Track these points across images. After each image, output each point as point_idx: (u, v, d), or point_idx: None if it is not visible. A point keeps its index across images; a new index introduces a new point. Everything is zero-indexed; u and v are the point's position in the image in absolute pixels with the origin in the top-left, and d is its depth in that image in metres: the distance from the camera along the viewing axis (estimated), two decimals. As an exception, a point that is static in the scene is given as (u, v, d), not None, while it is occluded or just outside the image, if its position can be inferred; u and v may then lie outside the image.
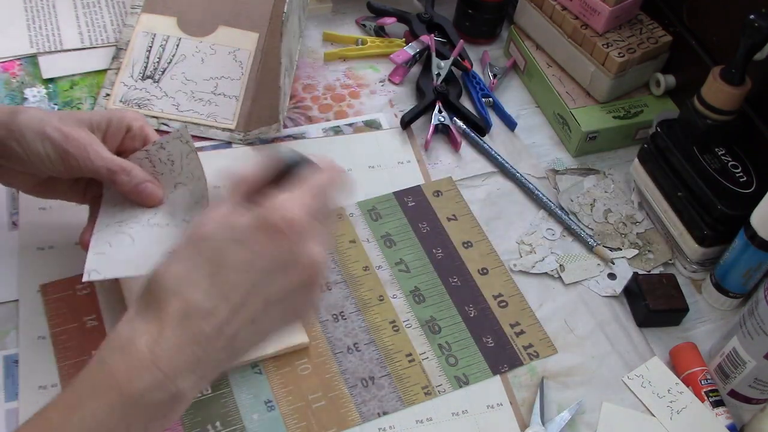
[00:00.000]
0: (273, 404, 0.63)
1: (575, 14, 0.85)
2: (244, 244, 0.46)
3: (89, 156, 0.59)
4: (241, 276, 0.46)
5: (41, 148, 0.58)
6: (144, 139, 0.64)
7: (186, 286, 0.46)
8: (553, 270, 0.75)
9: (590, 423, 0.65)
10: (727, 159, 0.74)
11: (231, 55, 0.86)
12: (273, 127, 0.79)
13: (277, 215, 0.47)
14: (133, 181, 0.61)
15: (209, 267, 0.46)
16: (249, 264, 0.46)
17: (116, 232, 0.62)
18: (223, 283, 0.46)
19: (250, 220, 0.47)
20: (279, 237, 0.46)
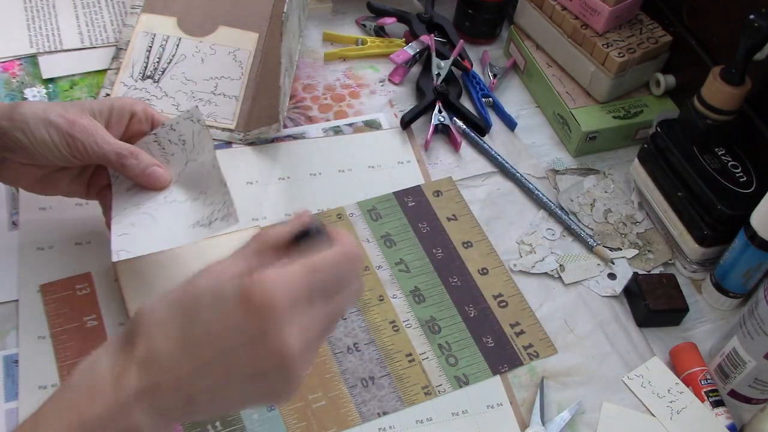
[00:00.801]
0: (273, 404, 0.63)
1: (575, 14, 0.85)
2: (221, 312, 0.44)
3: (96, 141, 0.59)
4: (209, 342, 0.44)
5: (47, 135, 0.58)
6: (151, 120, 0.64)
7: (157, 334, 0.45)
8: (553, 270, 0.75)
9: (590, 423, 0.65)
10: (727, 159, 0.74)
11: (231, 55, 0.86)
12: (273, 127, 0.79)
13: (258, 291, 0.44)
14: (141, 165, 0.61)
15: (185, 323, 0.45)
16: (219, 333, 0.44)
17: (136, 214, 0.62)
18: (192, 344, 0.44)
19: (234, 287, 0.44)
20: (252, 314, 0.44)
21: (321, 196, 0.77)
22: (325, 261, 0.47)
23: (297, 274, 0.45)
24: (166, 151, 0.64)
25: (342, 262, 0.48)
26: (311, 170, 0.79)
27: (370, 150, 0.82)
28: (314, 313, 0.46)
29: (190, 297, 0.45)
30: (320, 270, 0.46)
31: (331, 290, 0.47)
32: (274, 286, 0.44)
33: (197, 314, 0.45)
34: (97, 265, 0.68)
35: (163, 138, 0.64)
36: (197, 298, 0.45)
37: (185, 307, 0.45)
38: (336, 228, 0.50)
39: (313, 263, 0.46)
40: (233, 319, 0.44)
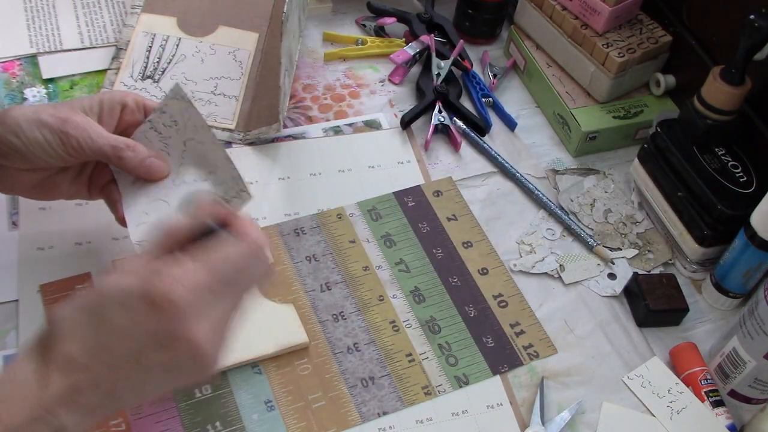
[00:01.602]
0: (273, 404, 0.63)
1: (575, 14, 0.85)
2: (126, 309, 0.46)
3: (90, 136, 0.59)
4: (118, 340, 0.46)
5: (40, 135, 0.58)
6: (143, 109, 0.64)
7: (71, 337, 0.46)
8: (553, 270, 0.75)
9: (590, 423, 0.65)
10: (727, 159, 0.74)
11: (231, 55, 0.86)
12: (273, 127, 0.79)
13: (159, 290, 0.45)
14: (138, 156, 0.61)
15: (93, 321, 0.46)
16: (127, 331, 0.46)
17: (148, 203, 0.62)
18: (104, 344, 0.46)
19: (138, 288, 0.46)
20: (157, 313, 0.45)
21: (321, 196, 0.77)
22: (226, 257, 0.49)
23: (198, 272, 0.47)
24: (164, 135, 0.63)
25: (243, 256, 0.50)
26: (311, 170, 0.79)
27: (370, 150, 0.82)
28: (219, 303, 0.48)
29: (96, 299, 0.47)
30: (221, 266, 0.48)
31: (233, 281, 0.49)
32: (176, 286, 0.46)
33: (105, 315, 0.46)
34: (97, 265, 0.68)
35: (157, 122, 0.63)
36: (104, 300, 0.47)
37: (93, 309, 0.47)
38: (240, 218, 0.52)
39: (214, 258, 0.48)
40: (139, 319, 0.46)
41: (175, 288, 0.46)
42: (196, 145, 0.63)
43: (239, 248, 0.50)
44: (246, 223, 0.51)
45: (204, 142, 0.63)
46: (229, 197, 0.61)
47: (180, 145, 0.64)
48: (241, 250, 0.50)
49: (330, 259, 0.72)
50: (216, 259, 0.48)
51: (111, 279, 0.47)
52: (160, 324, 0.46)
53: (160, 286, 0.46)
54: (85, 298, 0.47)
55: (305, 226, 0.74)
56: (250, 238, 0.50)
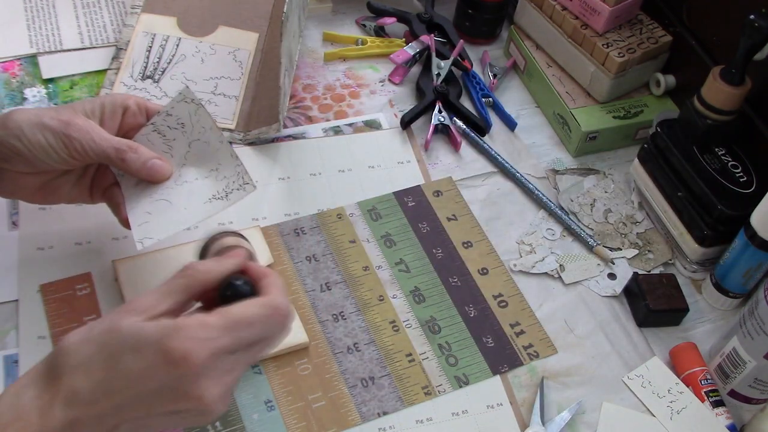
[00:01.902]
0: (273, 404, 0.63)
1: (575, 14, 0.85)
2: (141, 357, 0.46)
3: (93, 138, 0.59)
4: (128, 384, 0.46)
5: (42, 138, 0.58)
6: (145, 111, 0.64)
7: (80, 370, 0.47)
8: (553, 270, 0.75)
9: (590, 423, 0.65)
10: (727, 159, 0.74)
11: (231, 55, 0.86)
12: (273, 127, 0.79)
13: (177, 344, 0.46)
14: (141, 158, 0.61)
15: (106, 361, 0.47)
16: (139, 377, 0.46)
17: (150, 202, 0.62)
18: (113, 385, 0.46)
19: (156, 337, 0.46)
20: (171, 368, 0.46)
21: (321, 196, 0.77)
22: (249, 319, 0.49)
23: (218, 330, 0.47)
24: (167, 138, 0.63)
25: (268, 325, 0.50)
26: (311, 170, 0.79)
27: (370, 150, 0.82)
28: (233, 362, 0.49)
29: (113, 338, 0.47)
30: (242, 328, 0.49)
31: (252, 344, 0.50)
32: (194, 342, 0.46)
33: (119, 357, 0.46)
34: (97, 265, 0.68)
35: (161, 125, 0.63)
36: (120, 341, 0.47)
37: (108, 348, 0.47)
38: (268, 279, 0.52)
39: (236, 321, 0.48)
40: (153, 367, 0.46)
41: (195, 350, 0.46)
42: (200, 145, 0.64)
43: (265, 314, 0.50)
44: (275, 287, 0.52)
45: (209, 141, 0.63)
46: (229, 190, 0.62)
47: (185, 146, 0.64)
48: (267, 316, 0.50)
49: (330, 259, 0.72)
50: (241, 324, 0.48)
51: (131, 322, 0.47)
52: (174, 379, 0.46)
53: (180, 345, 0.46)
54: (100, 333, 0.47)
55: (305, 226, 0.74)
56: (277, 305, 0.50)
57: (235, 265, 0.53)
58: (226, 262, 0.53)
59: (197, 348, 0.46)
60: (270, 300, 0.50)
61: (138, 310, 0.48)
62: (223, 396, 0.48)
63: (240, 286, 0.52)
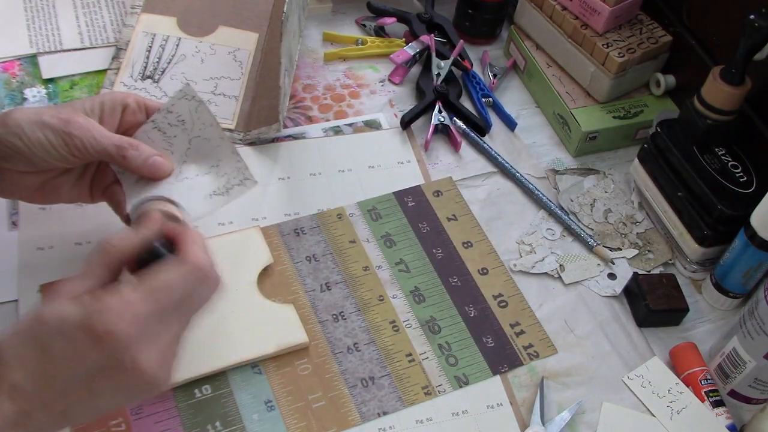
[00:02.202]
0: (273, 404, 0.63)
1: (575, 14, 0.85)
2: (68, 340, 0.46)
3: (94, 136, 0.59)
4: (63, 369, 0.46)
5: (42, 137, 0.58)
6: (144, 109, 0.64)
7: (16, 366, 0.46)
8: (553, 270, 0.75)
9: (590, 423, 0.65)
10: (727, 159, 0.74)
11: (231, 55, 0.86)
12: (273, 127, 0.79)
13: (101, 322, 0.46)
14: (142, 155, 0.61)
15: (37, 350, 0.47)
16: (72, 361, 0.46)
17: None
18: (47, 370, 0.46)
19: (78, 318, 0.46)
20: (100, 345, 0.46)
21: (321, 196, 0.77)
22: (168, 284, 0.49)
23: (139, 300, 0.47)
24: (168, 135, 0.63)
25: (187, 281, 0.50)
26: (311, 170, 0.79)
27: (370, 150, 0.82)
28: (164, 328, 0.49)
29: (40, 328, 0.47)
30: (163, 290, 0.48)
31: (178, 306, 0.49)
32: (117, 315, 0.46)
33: (48, 346, 0.46)
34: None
35: (162, 122, 0.63)
36: (46, 329, 0.47)
37: (36, 337, 0.47)
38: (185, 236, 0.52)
39: (156, 286, 0.48)
40: (83, 349, 0.46)
41: (117, 321, 0.46)
42: (201, 142, 0.64)
43: (182, 273, 0.50)
44: (192, 244, 0.51)
45: (210, 138, 0.64)
46: (230, 186, 0.62)
47: (185, 143, 0.64)
48: (185, 274, 0.50)
49: (330, 259, 0.72)
50: (158, 287, 0.48)
51: (52, 307, 0.47)
52: (105, 356, 0.46)
53: (101, 319, 0.46)
54: (26, 324, 0.47)
55: (305, 226, 0.74)
56: (194, 261, 0.50)
57: (151, 231, 0.52)
58: (141, 230, 0.52)
59: (120, 322, 0.46)
60: (186, 258, 0.50)
61: (61, 294, 0.48)
62: (161, 362, 0.48)
63: (155, 249, 0.51)
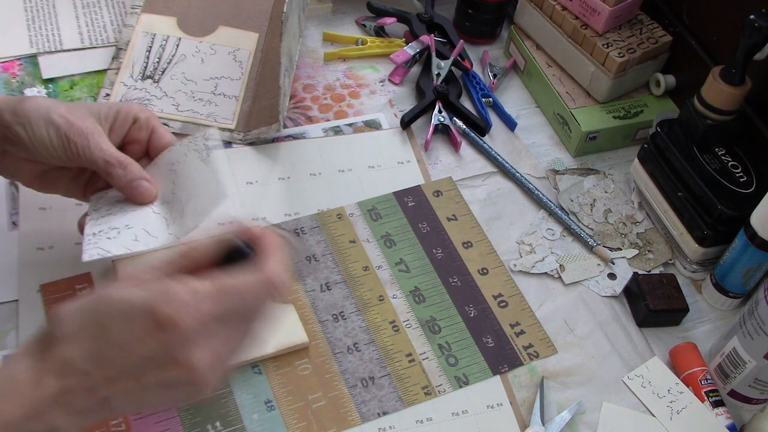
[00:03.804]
0: (273, 404, 0.63)
1: (575, 14, 0.85)
2: (130, 323, 0.46)
3: (89, 145, 0.59)
4: (118, 352, 0.46)
5: (45, 134, 0.58)
6: (150, 130, 0.64)
7: (72, 342, 0.46)
8: (553, 270, 0.75)
9: (590, 423, 0.65)
10: (727, 159, 0.74)
11: (231, 55, 0.86)
12: (273, 127, 0.79)
13: (166, 311, 0.45)
14: (128, 176, 0.61)
15: (97, 330, 0.46)
16: (128, 346, 0.46)
17: (118, 218, 0.62)
18: (103, 354, 0.46)
19: (144, 302, 0.46)
20: (160, 333, 0.46)
21: (321, 196, 0.77)
22: (240, 286, 0.48)
23: (207, 296, 0.47)
24: (175, 172, 0.63)
25: (258, 291, 0.49)
26: (311, 170, 0.79)
27: (370, 150, 0.82)
28: (223, 332, 0.48)
29: (103, 307, 0.47)
30: (233, 294, 0.48)
31: (242, 313, 0.49)
32: (183, 311, 0.46)
33: (109, 327, 0.46)
34: (97, 265, 0.67)
35: (176, 158, 0.63)
36: (109, 309, 0.47)
37: (98, 317, 0.47)
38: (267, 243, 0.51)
39: (226, 288, 0.48)
40: (142, 335, 0.46)
41: (182, 313, 0.46)
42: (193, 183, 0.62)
43: (255, 283, 0.49)
44: (272, 253, 0.50)
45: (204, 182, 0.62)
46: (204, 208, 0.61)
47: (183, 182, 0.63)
48: (258, 285, 0.49)
49: (330, 259, 0.72)
50: (228, 290, 0.48)
51: (119, 288, 0.47)
52: (162, 345, 0.46)
53: (167, 308, 0.46)
54: (90, 302, 0.47)
55: (305, 226, 0.74)
56: (269, 274, 0.49)
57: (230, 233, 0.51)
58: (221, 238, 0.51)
59: (184, 312, 0.46)
60: (263, 267, 0.49)
61: (129, 279, 0.48)
62: (213, 365, 0.48)
63: (238, 247, 0.50)
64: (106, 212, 0.62)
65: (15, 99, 0.60)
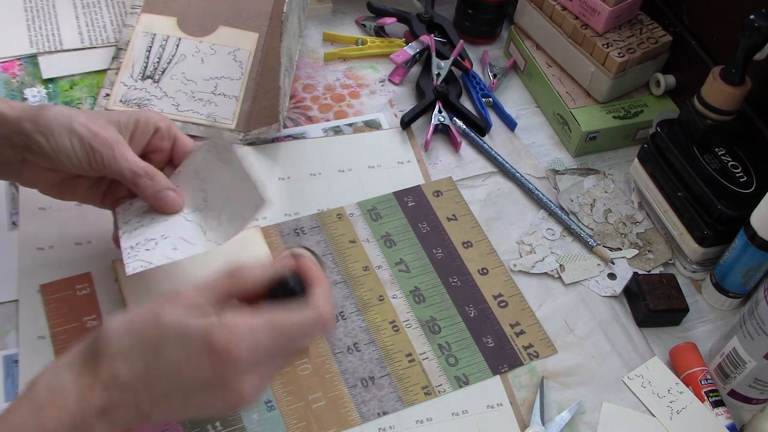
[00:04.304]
0: (273, 404, 0.63)
1: (575, 14, 0.85)
2: (184, 348, 0.47)
3: (114, 156, 0.59)
4: (169, 374, 0.47)
5: (68, 143, 0.58)
6: (173, 139, 0.64)
7: (121, 358, 0.47)
8: (553, 270, 0.75)
9: (590, 423, 0.65)
10: (727, 159, 0.74)
11: (231, 55, 0.86)
12: (273, 127, 0.79)
13: (221, 340, 0.47)
14: (155, 187, 0.61)
15: (148, 350, 0.47)
16: (180, 368, 0.47)
17: (150, 229, 0.62)
18: (152, 372, 0.47)
19: (200, 328, 0.47)
20: (213, 360, 0.47)
21: (321, 196, 0.77)
22: (294, 325, 0.50)
23: (263, 331, 0.48)
24: (201, 177, 0.63)
25: (309, 327, 0.51)
26: (311, 170, 0.79)
27: (370, 150, 0.82)
28: (272, 363, 0.50)
29: (156, 330, 0.48)
30: (287, 332, 0.49)
31: (293, 344, 0.51)
32: (239, 338, 0.47)
33: (161, 349, 0.47)
34: (97, 265, 0.68)
35: (198, 164, 0.63)
36: (162, 333, 0.48)
37: (150, 339, 0.48)
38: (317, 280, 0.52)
39: (281, 324, 0.49)
40: (195, 360, 0.47)
41: (238, 343, 0.47)
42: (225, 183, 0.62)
43: (308, 319, 0.50)
44: (322, 290, 0.52)
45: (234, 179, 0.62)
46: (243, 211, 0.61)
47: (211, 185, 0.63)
48: (310, 321, 0.51)
49: (330, 259, 0.72)
50: (283, 325, 0.49)
51: (172, 311, 0.48)
52: (214, 371, 0.47)
53: (224, 339, 0.47)
54: (143, 324, 0.48)
55: (305, 226, 0.74)
56: (321, 311, 0.51)
57: (282, 267, 0.53)
58: (272, 269, 0.52)
59: (241, 346, 0.47)
60: (315, 303, 0.51)
61: (179, 303, 0.49)
62: (258, 390, 0.50)
63: (290, 286, 0.52)
64: (137, 224, 0.62)
65: (34, 107, 0.60)
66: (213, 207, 0.62)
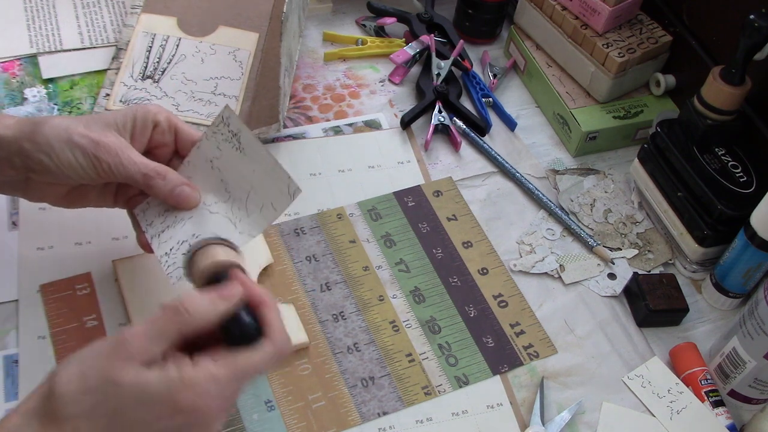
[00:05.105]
0: (273, 404, 0.63)
1: (575, 14, 0.85)
2: (147, 409, 0.46)
3: (122, 162, 0.58)
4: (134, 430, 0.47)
5: (71, 157, 0.57)
6: (174, 131, 0.62)
7: (83, 419, 0.46)
8: (553, 270, 0.75)
9: (590, 423, 0.65)
10: (727, 159, 0.74)
11: (231, 55, 0.86)
12: (273, 127, 0.79)
13: (185, 398, 0.46)
14: (168, 185, 0.59)
15: (111, 411, 0.46)
16: (147, 425, 0.47)
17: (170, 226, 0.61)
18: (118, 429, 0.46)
19: (161, 387, 0.46)
20: (180, 415, 0.47)
21: (321, 196, 0.77)
22: (256, 364, 0.50)
23: (226, 379, 0.48)
24: (213, 165, 0.61)
25: (271, 363, 0.51)
26: (311, 170, 0.79)
27: (370, 150, 0.82)
28: (239, 394, 0.51)
29: (116, 392, 0.46)
30: (250, 372, 0.50)
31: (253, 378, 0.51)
32: (203, 392, 0.47)
33: (124, 411, 0.46)
34: (97, 265, 0.68)
35: (208, 151, 0.61)
36: (122, 395, 0.46)
37: (110, 401, 0.46)
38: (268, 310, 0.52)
39: (244, 368, 0.49)
40: (161, 416, 0.47)
41: (204, 399, 0.47)
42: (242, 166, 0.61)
43: (268, 356, 0.51)
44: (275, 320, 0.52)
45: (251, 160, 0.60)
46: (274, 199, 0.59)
47: (228, 170, 0.61)
48: (271, 358, 0.51)
49: (330, 259, 0.72)
50: (246, 368, 0.50)
51: (129, 371, 0.46)
52: (181, 423, 0.47)
53: (188, 397, 0.47)
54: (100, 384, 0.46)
55: (305, 226, 0.74)
56: (280, 346, 0.51)
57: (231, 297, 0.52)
58: (222, 304, 0.51)
59: (207, 400, 0.47)
60: (274, 338, 0.51)
61: (132, 357, 0.47)
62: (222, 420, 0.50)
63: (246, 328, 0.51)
64: (161, 225, 0.61)
65: (29, 124, 0.58)
66: (238, 198, 0.60)
